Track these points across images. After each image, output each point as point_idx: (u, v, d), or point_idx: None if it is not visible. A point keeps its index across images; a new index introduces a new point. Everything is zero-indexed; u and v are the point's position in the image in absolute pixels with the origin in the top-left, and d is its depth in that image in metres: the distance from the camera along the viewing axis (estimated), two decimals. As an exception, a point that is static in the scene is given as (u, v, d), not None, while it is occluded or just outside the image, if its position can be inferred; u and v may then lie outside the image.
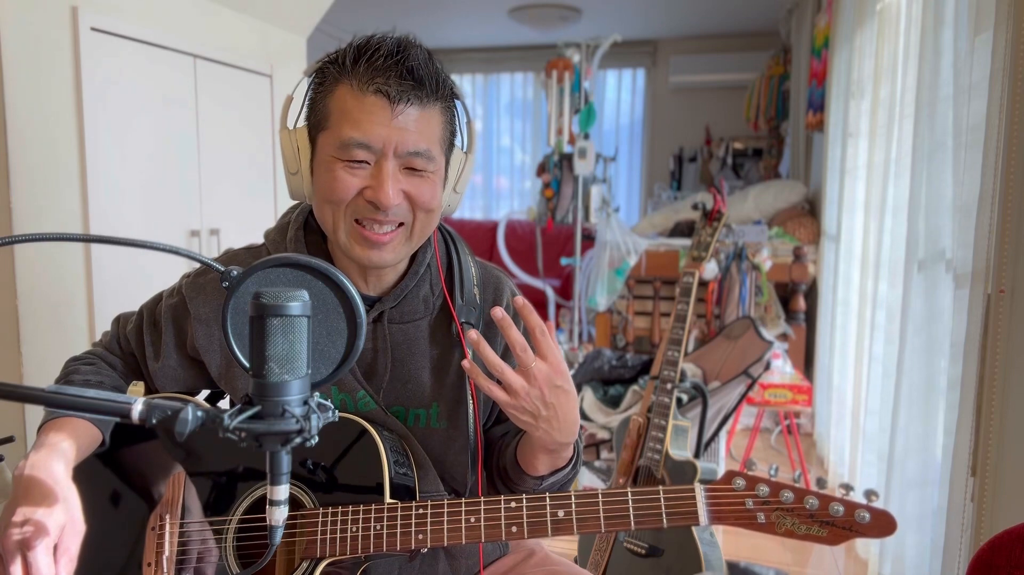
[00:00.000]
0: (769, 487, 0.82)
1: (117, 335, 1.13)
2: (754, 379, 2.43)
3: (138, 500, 1.02)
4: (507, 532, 0.87)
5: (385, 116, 0.91)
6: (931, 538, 1.72)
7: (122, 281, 2.29)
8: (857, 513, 0.79)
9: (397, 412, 1.06)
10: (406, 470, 1.00)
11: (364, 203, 0.94)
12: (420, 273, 1.05)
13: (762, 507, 0.81)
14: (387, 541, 0.90)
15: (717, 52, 5.90)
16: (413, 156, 0.93)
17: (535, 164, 6.39)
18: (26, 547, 0.79)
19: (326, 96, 0.94)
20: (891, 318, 2.18)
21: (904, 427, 1.87)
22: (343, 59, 0.93)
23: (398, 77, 0.91)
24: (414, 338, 1.05)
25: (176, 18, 2.49)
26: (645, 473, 1.97)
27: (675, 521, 0.83)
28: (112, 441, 1.02)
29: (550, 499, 0.87)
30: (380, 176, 0.92)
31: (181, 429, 0.61)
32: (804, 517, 0.80)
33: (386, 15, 5.46)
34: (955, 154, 1.64)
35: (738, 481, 0.82)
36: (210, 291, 1.06)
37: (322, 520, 0.93)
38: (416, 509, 0.90)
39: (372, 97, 0.91)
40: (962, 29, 1.60)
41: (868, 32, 2.70)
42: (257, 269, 0.67)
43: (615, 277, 3.82)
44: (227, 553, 0.97)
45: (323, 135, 0.95)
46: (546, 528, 0.86)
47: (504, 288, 1.11)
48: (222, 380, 1.07)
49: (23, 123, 1.95)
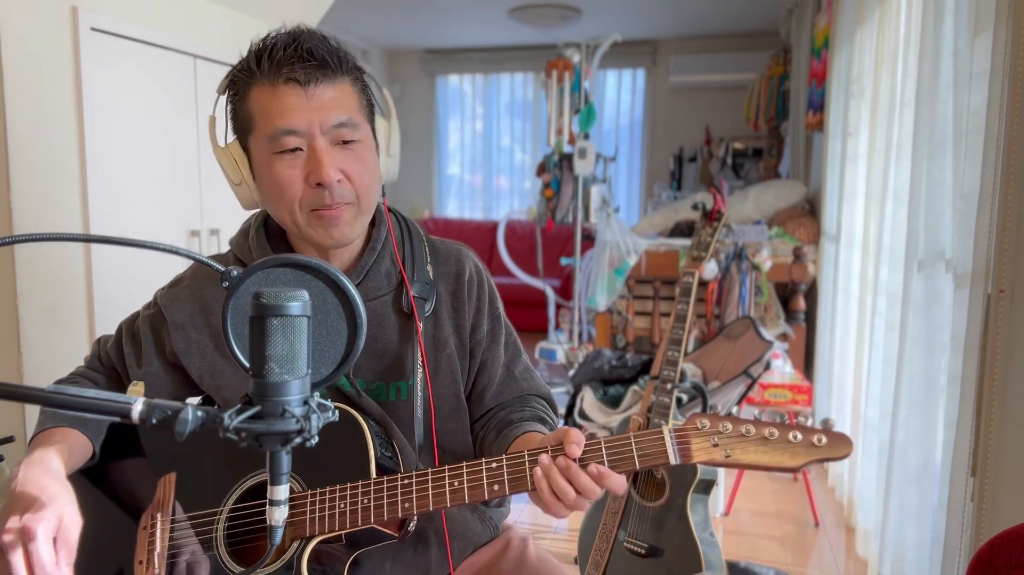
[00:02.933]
0: (732, 424, 0.87)
1: (98, 353, 1.16)
2: (754, 379, 2.43)
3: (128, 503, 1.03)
4: (490, 491, 0.90)
5: (301, 100, 0.95)
6: (931, 534, 1.72)
7: (122, 281, 2.28)
8: (815, 437, 0.85)
9: (378, 389, 1.08)
10: (390, 453, 1.02)
11: (311, 191, 0.98)
12: (378, 250, 1.08)
13: (725, 442, 0.87)
14: (375, 513, 0.91)
15: (717, 52, 5.90)
16: (339, 128, 0.97)
17: (535, 164, 6.39)
18: (27, 538, 0.80)
19: (243, 102, 0.99)
20: (891, 304, 2.18)
21: (904, 421, 1.87)
22: (247, 64, 0.98)
23: (301, 62, 0.95)
24: (382, 313, 1.08)
25: (176, 18, 2.49)
26: (645, 473, 1.97)
27: (646, 462, 0.88)
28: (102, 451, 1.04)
29: (528, 455, 0.90)
30: (316, 156, 0.96)
31: (181, 429, 0.61)
32: (767, 448, 0.86)
33: (386, 15, 5.46)
34: (955, 143, 1.64)
35: (703, 421, 0.88)
36: (184, 298, 1.10)
37: (311, 500, 0.94)
38: (401, 479, 0.92)
39: (284, 87, 0.95)
40: (962, 27, 1.60)
41: (868, 30, 2.70)
42: (257, 269, 0.67)
43: (615, 277, 3.82)
44: (218, 543, 0.98)
45: (252, 138, 1.00)
46: (527, 482, 0.89)
47: (465, 259, 1.14)
48: (204, 382, 1.09)
49: (23, 123, 1.95)
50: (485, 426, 1.14)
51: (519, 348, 1.19)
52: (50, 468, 0.90)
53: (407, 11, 5.32)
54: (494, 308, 1.15)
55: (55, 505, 0.84)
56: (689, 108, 6.16)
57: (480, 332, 1.13)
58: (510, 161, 6.83)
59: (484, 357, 1.14)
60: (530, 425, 1.08)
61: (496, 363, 1.14)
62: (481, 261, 1.18)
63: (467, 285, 1.12)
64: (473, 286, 1.13)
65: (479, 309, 1.13)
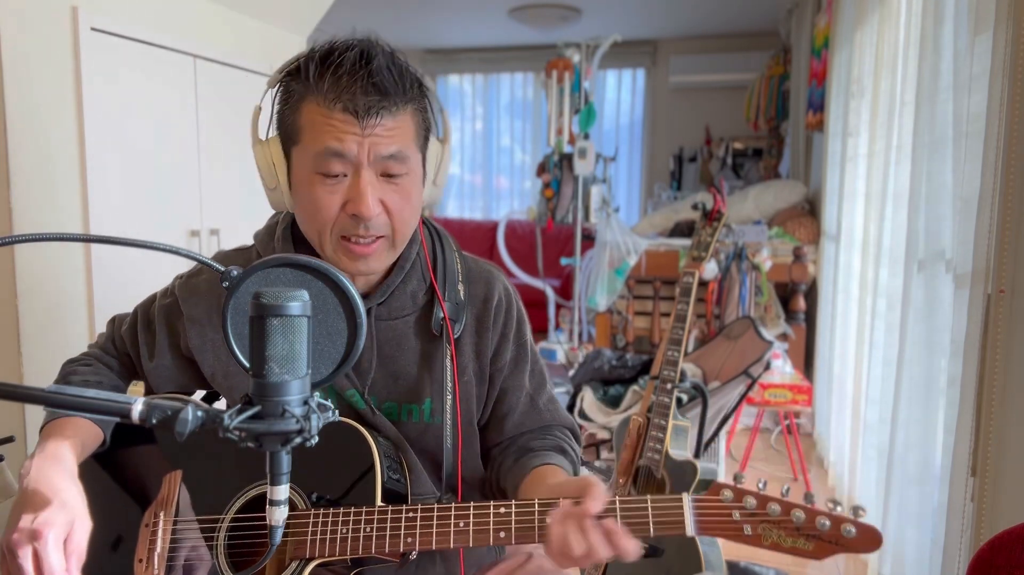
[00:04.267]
0: (756, 499, 0.81)
1: (112, 336, 1.14)
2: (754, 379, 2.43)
3: (133, 497, 1.02)
4: (495, 537, 0.86)
5: (355, 128, 0.90)
6: (931, 536, 1.72)
7: (122, 281, 2.28)
8: (843, 527, 0.79)
9: (390, 409, 1.06)
10: (398, 476, 1.00)
11: (347, 219, 0.94)
12: (407, 269, 1.05)
13: (749, 519, 0.81)
14: (376, 543, 0.90)
15: (717, 52, 5.90)
16: (388, 160, 0.93)
17: (535, 164, 6.39)
18: (37, 544, 0.79)
19: (294, 111, 0.94)
20: (891, 306, 2.18)
21: (904, 423, 1.87)
22: (306, 72, 0.92)
23: (364, 93, 0.89)
24: (402, 334, 1.05)
25: (176, 18, 2.49)
26: (645, 473, 1.97)
27: (662, 530, 0.83)
28: (111, 439, 1.03)
29: (539, 505, 0.87)
30: (358, 187, 0.92)
31: (181, 429, 0.61)
32: (790, 530, 0.80)
33: (386, 15, 5.46)
34: (955, 144, 1.64)
35: (726, 493, 0.82)
36: (203, 292, 1.06)
37: (313, 521, 0.93)
38: (406, 512, 0.90)
39: (340, 114, 0.90)
40: (962, 28, 1.60)
41: (868, 31, 2.70)
42: (257, 269, 0.67)
43: (615, 277, 3.82)
44: (218, 551, 0.98)
45: (296, 150, 0.95)
46: (534, 534, 0.85)
47: (495, 282, 1.11)
48: (216, 381, 1.07)
49: (23, 123, 1.95)
50: (503, 451, 1.10)
51: (545, 378, 1.15)
52: (63, 466, 0.89)
53: (407, 11, 5.32)
54: (520, 335, 1.12)
55: (67, 510, 0.83)
56: (689, 108, 6.16)
57: (502, 359, 1.09)
58: (510, 161, 6.82)
59: (505, 384, 1.10)
60: (550, 456, 1.05)
61: (518, 392, 1.11)
62: (512, 285, 1.15)
63: (494, 311, 1.08)
64: (500, 312, 1.09)
65: (504, 335, 1.09)
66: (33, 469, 0.88)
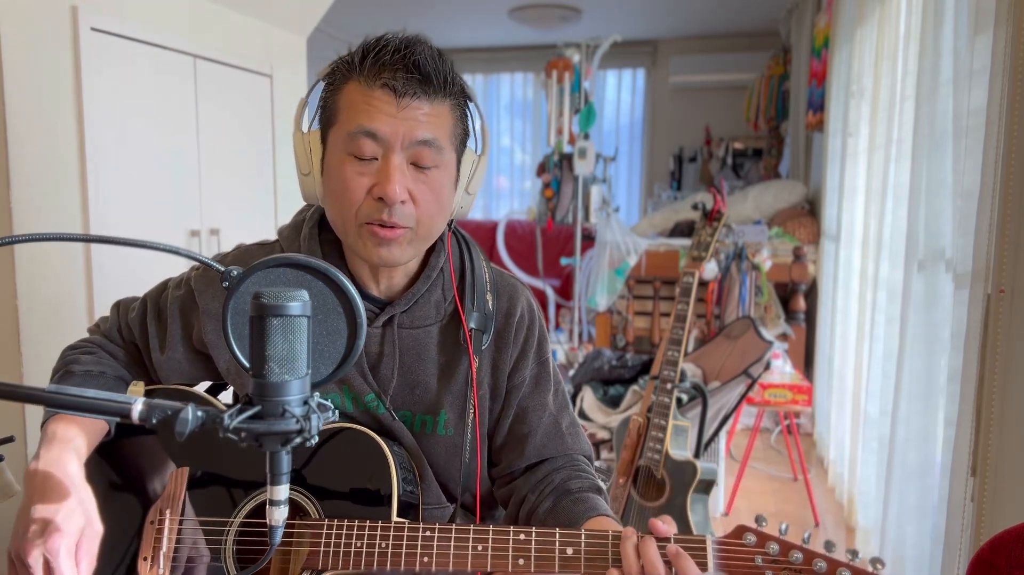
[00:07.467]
0: (779, 546, 0.82)
1: (118, 323, 1.11)
2: (754, 379, 2.43)
3: (139, 493, 1.01)
4: (513, 564, 0.86)
5: (392, 108, 0.90)
6: (931, 533, 1.72)
7: (122, 281, 2.28)
8: None
9: (404, 417, 1.05)
10: (412, 487, 0.99)
11: (372, 203, 0.93)
12: (432, 278, 1.04)
13: (771, 565, 0.82)
14: (391, 560, 0.88)
15: (717, 52, 5.90)
16: (421, 146, 0.92)
17: (535, 164, 6.39)
18: (48, 551, 0.79)
19: (336, 94, 0.95)
20: (892, 300, 2.18)
21: (904, 419, 1.87)
22: (352, 58, 0.94)
23: (404, 71, 0.90)
24: (424, 343, 1.04)
25: (176, 18, 2.49)
26: (645, 473, 1.97)
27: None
28: (115, 431, 1.02)
29: (560, 535, 0.86)
30: (387, 170, 0.91)
31: (181, 429, 0.60)
32: None
33: (386, 15, 5.46)
34: (955, 141, 1.64)
35: (749, 537, 0.83)
36: (220, 286, 1.04)
37: (326, 531, 0.92)
38: (423, 531, 0.89)
39: (379, 91, 0.90)
40: (962, 27, 1.60)
41: (868, 30, 2.70)
42: (257, 269, 0.67)
43: (615, 277, 3.82)
44: (227, 555, 0.97)
45: (332, 132, 0.95)
46: (554, 564, 0.85)
47: (519, 297, 1.09)
48: (230, 375, 1.06)
49: (23, 123, 1.95)
50: (537, 490, 1.06)
51: (567, 401, 1.13)
52: (73, 450, 0.89)
53: (407, 11, 5.33)
54: (541, 353, 1.10)
55: (80, 511, 0.83)
56: (689, 108, 6.16)
57: (520, 376, 1.08)
58: (510, 161, 6.83)
59: (525, 403, 1.08)
60: (593, 500, 1.03)
61: (541, 412, 1.08)
62: (536, 302, 1.13)
63: (515, 326, 1.07)
64: (523, 327, 1.07)
65: (524, 351, 1.08)
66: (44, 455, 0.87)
